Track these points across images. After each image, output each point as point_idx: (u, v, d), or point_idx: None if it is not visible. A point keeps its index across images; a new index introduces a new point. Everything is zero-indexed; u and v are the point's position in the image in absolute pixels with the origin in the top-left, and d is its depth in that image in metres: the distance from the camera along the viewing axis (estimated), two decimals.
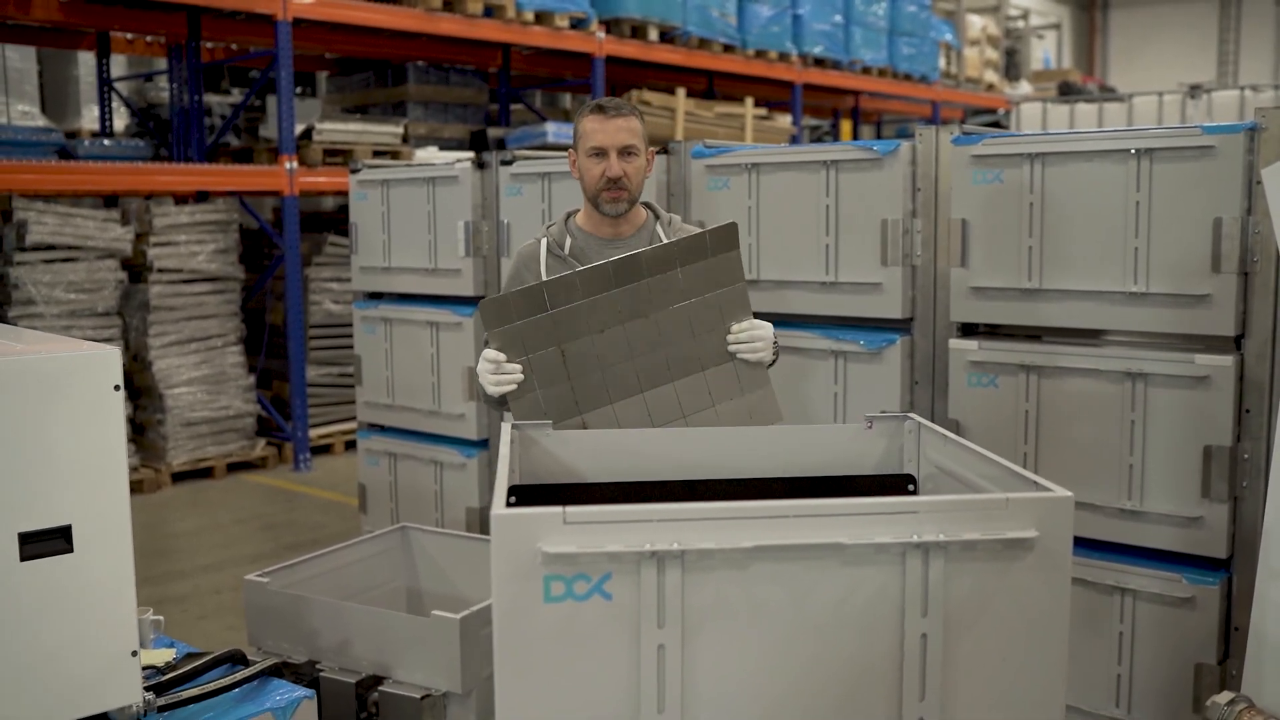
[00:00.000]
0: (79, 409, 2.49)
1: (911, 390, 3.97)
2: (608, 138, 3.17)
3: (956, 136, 3.76)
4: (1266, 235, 3.21)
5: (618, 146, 3.18)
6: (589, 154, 3.21)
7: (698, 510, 1.77)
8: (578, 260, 3.25)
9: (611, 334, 2.87)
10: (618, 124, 3.19)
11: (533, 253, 3.33)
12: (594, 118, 3.20)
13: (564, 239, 3.32)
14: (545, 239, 3.33)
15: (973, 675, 1.83)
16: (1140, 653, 3.51)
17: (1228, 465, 3.33)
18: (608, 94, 10.30)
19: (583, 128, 3.23)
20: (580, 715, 1.79)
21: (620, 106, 3.24)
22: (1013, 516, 1.81)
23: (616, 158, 3.18)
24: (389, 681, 3.58)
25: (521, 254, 3.37)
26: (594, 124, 3.19)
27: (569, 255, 3.27)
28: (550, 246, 3.31)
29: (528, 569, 1.75)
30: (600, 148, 3.17)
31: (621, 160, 3.18)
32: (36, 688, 2.48)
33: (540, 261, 3.28)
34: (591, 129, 3.19)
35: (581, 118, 3.25)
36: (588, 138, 3.20)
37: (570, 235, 3.33)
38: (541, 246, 3.32)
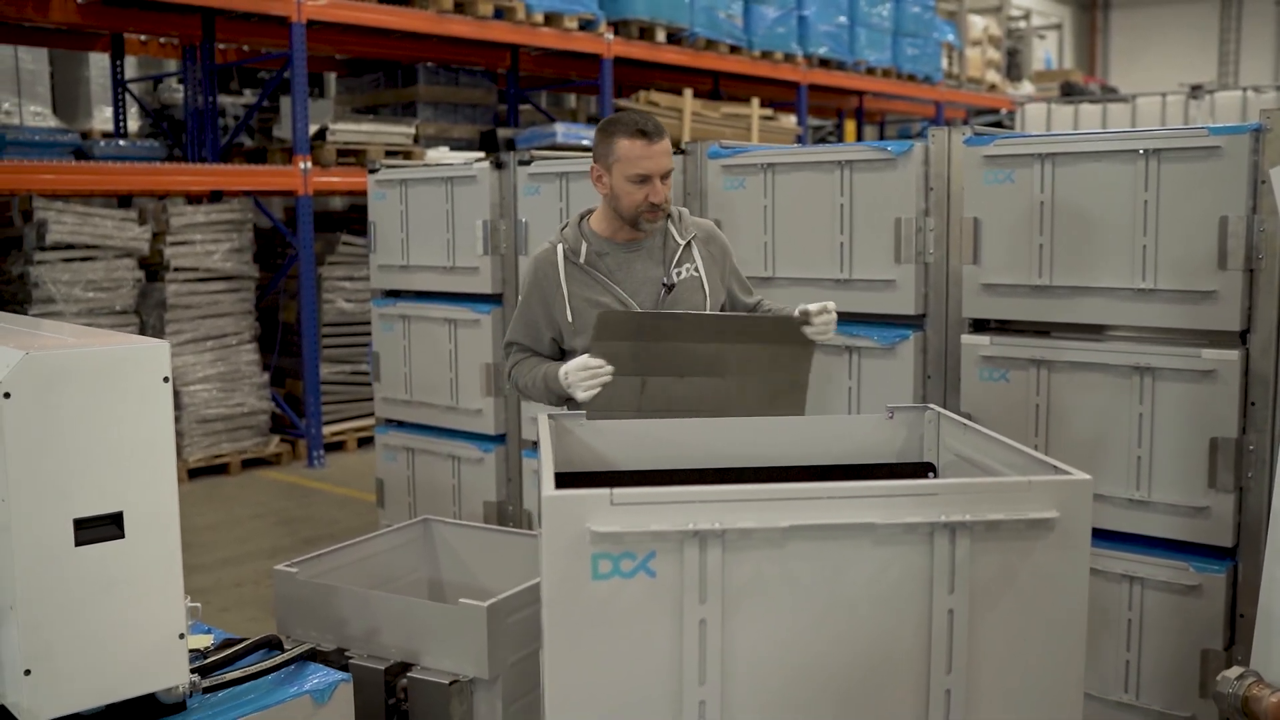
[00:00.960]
0: (130, 400, 2.59)
1: (924, 385, 4.07)
2: (653, 164, 3.16)
3: (968, 137, 3.85)
4: (1271, 233, 3.31)
5: (661, 172, 3.18)
6: (631, 179, 3.17)
7: (738, 492, 1.87)
8: (595, 268, 3.29)
9: (689, 381, 3.01)
10: (660, 148, 3.17)
11: (550, 259, 3.33)
12: (638, 143, 3.15)
13: (580, 245, 3.32)
14: (561, 245, 3.35)
15: (997, 649, 1.93)
16: (1148, 640, 3.61)
17: (1233, 456, 3.43)
18: (615, 95, 10.40)
19: (622, 151, 3.17)
20: (625, 687, 1.89)
21: (659, 128, 3.22)
22: (1034, 498, 1.91)
23: (659, 182, 3.18)
24: (417, 668, 3.68)
25: (538, 261, 3.37)
26: (638, 150, 3.15)
27: (585, 263, 3.29)
28: (567, 254, 3.31)
29: (576, 548, 1.85)
30: (645, 174, 3.16)
31: (663, 183, 3.19)
32: (89, 668, 2.58)
33: (559, 269, 3.29)
34: (635, 155, 3.15)
35: (617, 137, 3.19)
36: (631, 163, 3.16)
37: (585, 240, 3.33)
38: (559, 254, 3.32)
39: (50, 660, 2.51)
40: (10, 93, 10.36)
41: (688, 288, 3.32)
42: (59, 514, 2.50)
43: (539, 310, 3.36)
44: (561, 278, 3.29)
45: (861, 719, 1.94)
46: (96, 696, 2.61)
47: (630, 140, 3.15)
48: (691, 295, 3.32)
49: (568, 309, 3.27)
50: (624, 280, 3.30)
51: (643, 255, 3.33)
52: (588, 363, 3.01)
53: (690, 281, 3.32)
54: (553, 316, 3.32)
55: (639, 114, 3.27)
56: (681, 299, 3.31)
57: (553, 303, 3.31)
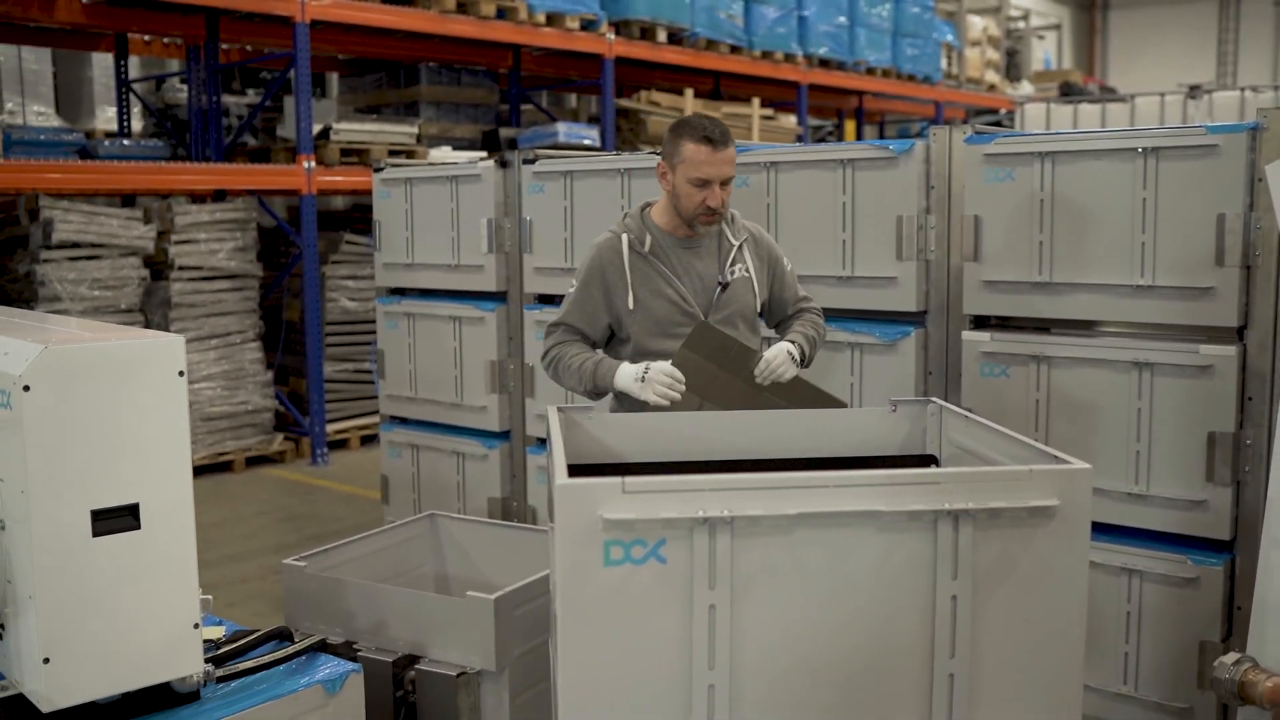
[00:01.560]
0: (146, 393, 2.64)
1: (925, 380, 4.12)
2: (715, 170, 3.28)
3: (969, 136, 3.90)
4: (1268, 230, 3.36)
5: (722, 178, 3.30)
6: (693, 182, 3.30)
7: (746, 480, 1.91)
8: (658, 259, 3.42)
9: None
10: (724, 156, 3.30)
11: (614, 248, 3.44)
12: (703, 148, 3.27)
13: (644, 236, 3.44)
14: (625, 235, 3.46)
15: (999, 634, 1.98)
16: (1147, 632, 3.65)
17: (1231, 451, 3.47)
18: (617, 95, 10.44)
19: (687, 154, 3.30)
20: (636, 671, 1.94)
21: (725, 135, 3.33)
22: (1035, 486, 1.95)
23: (718, 188, 3.30)
24: (425, 660, 3.72)
25: (602, 248, 3.47)
26: (703, 155, 3.27)
27: (649, 253, 3.42)
28: (632, 243, 3.43)
29: (589, 535, 1.89)
30: (706, 179, 3.28)
31: (722, 189, 3.32)
32: (106, 657, 2.62)
33: (624, 257, 3.41)
34: (699, 159, 3.28)
35: (684, 140, 3.31)
36: (694, 167, 3.29)
37: (649, 232, 3.45)
38: (623, 243, 3.43)
39: (68, 649, 2.55)
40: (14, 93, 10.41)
41: (740, 287, 3.47)
42: (77, 505, 2.54)
43: (599, 296, 3.46)
44: (626, 266, 3.41)
45: (866, 702, 1.99)
46: (113, 685, 2.65)
47: (696, 145, 3.27)
48: (743, 295, 3.48)
49: (630, 296, 3.40)
50: (683, 275, 3.44)
51: (700, 253, 3.46)
52: (674, 374, 3.14)
53: (742, 282, 3.47)
54: (613, 303, 3.44)
55: (708, 120, 3.36)
56: (734, 297, 3.46)
57: (614, 290, 3.43)
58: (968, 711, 1.99)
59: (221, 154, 8.83)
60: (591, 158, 5.20)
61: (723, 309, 3.45)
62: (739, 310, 3.48)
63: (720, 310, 3.45)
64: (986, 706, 2.00)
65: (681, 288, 3.43)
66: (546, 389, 5.20)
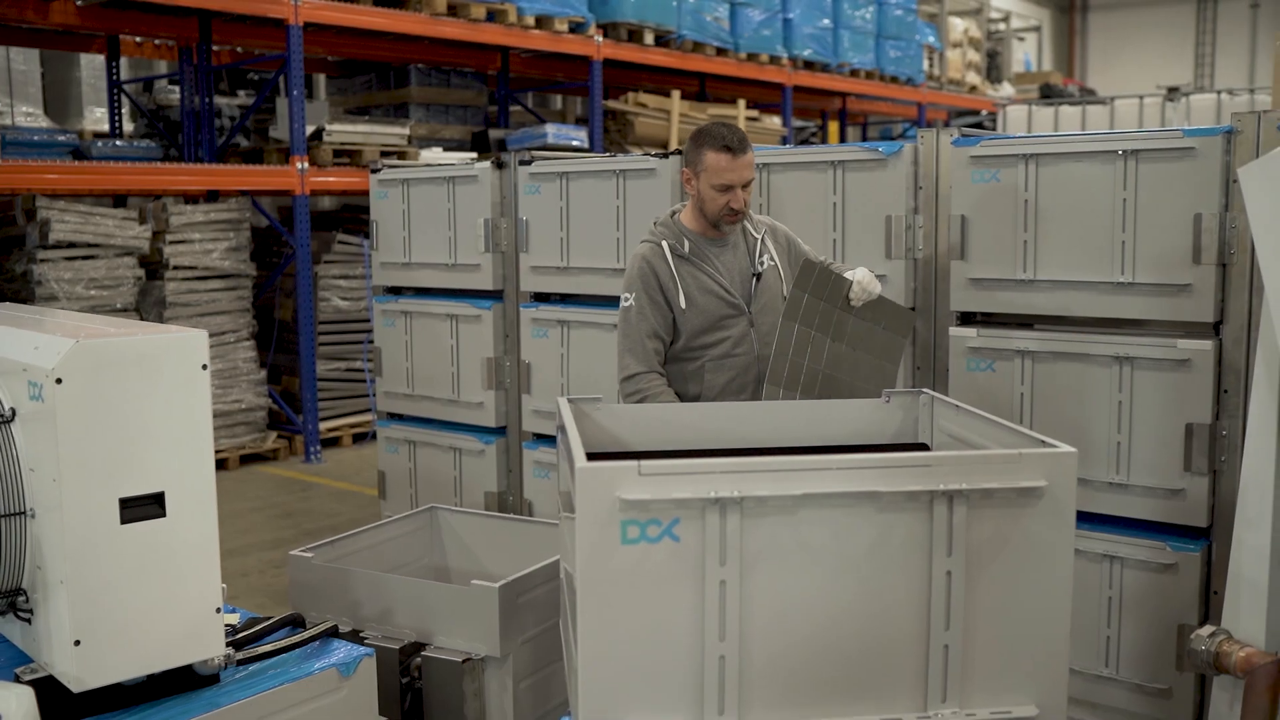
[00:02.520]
0: (171, 386, 2.75)
1: (914, 375, 4.25)
2: (736, 175, 3.55)
3: (956, 139, 4.04)
4: (1242, 229, 3.50)
5: (743, 183, 3.57)
6: (716, 188, 3.57)
7: (754, 464, 2.04)
8: (698, 259, 3.68)
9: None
10: (743, 162, 3.55)
11: (659, 255, 3.69)
12: (724, 157, 3.53)
13: (681, 240, 3.70)
14: (664, 241, 3.71)
15: (990, 608, 2.11)
16: (1127, 616, 3.79)
17: (1208, 441, 3.62)
18: (604, 96, 10.56)
19: (709, 162, 3.56)
20: (651, 643, 2.06)
21: (744, 142, 3.58)
22: (1024, 469, 2.09)
23: (740, 191, 3.57)
24: (430, 647, 3.83)
25: (647, 257, 3.71)
26: (724, 163, 3.53)
27: (689, 255, 3.68)
28: (673, 248, 3.68)
29: (607, 515, 2.01)
30: (729, 184, 3.55)
31: (744, 191, 3.58)
32: (133, 640, 2.72)
33: (669, 261, 3.66)
34: (721, 167, 3.53)
35: (705, 149, 3.57)
36: (716, 174, 3.55)
37: (685, 236, 3.71)
38: (664, 249, 3.68)
39: (98, 632, 2.66)
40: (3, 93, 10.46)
41: (770, 275, 3.75)
42: (106, 494, 2.65)
43: (660, 299, 3.68)
44: (673, 269, 3.65)
45: (866, 672, 2.11)
46: (140, 666, 2.76)
47: (717, 154, 3.54)
48: (774, 281, 3.76)
49: (681, 296, 3.64)
50: (723, 271, 3.71)
51: (730, 249, 3.74)
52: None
53: (771, 270, 3.76)
54: (669, 306, 3.66)
55: (727, 128, 3.61)
56: (768, 285, 3.74)
57: (668, 292, 3.66)
58: (961, 680, 2.12)
59: (214, 155, 8.91)
60: (587, 159, 5.31)
61: (760, 297, 3.73)
62: (773, 295, 3.74)
63: (759, 298, 3.73)
64: (979, 675, 2.13)
65: (725, 281, 3.69)
66: (542, 385, 5.33)
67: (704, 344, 3.68)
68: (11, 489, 2.70)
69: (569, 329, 5.20)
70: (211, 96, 8.97)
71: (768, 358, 3.53)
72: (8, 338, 2.91)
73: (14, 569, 2.75)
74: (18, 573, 2.76)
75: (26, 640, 2.88)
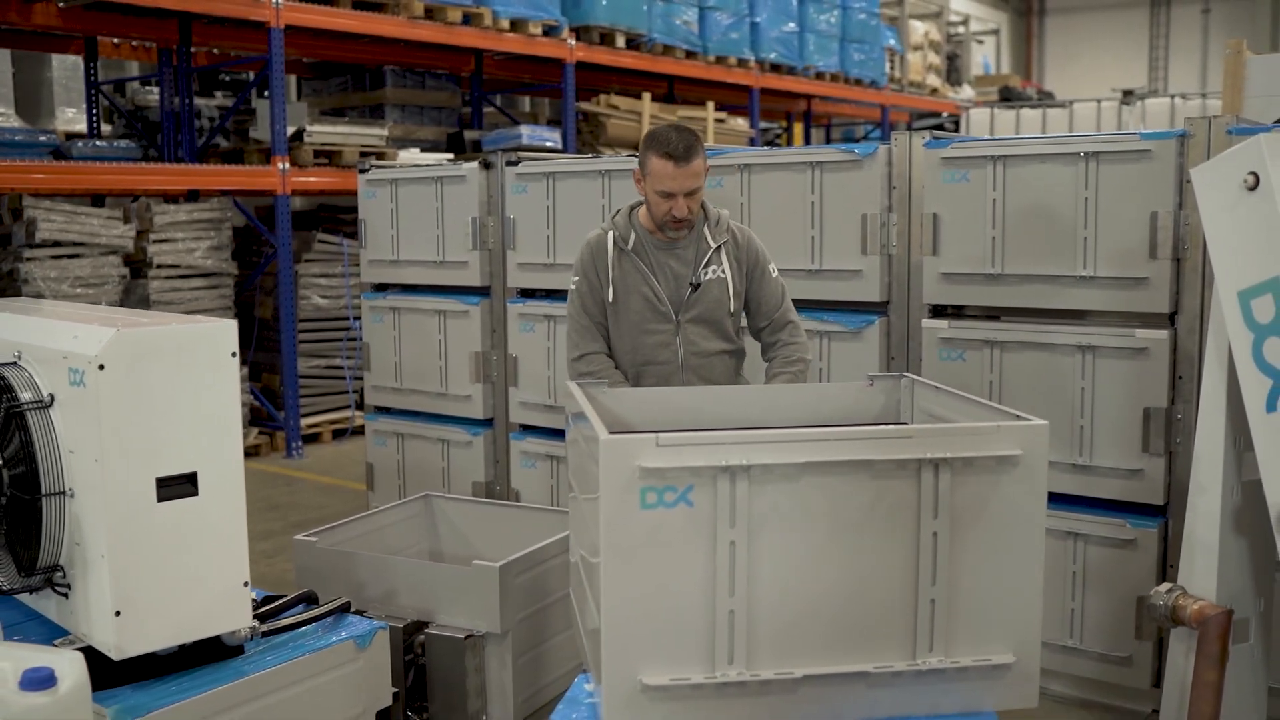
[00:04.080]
0: (203, 372, 2.93)
1: (888, 365, 4.48)
2: (677, 184, 3.49)
3: (928, 141, 4.28)
4: (1195, 226, 3.76)
5: (684, 191, 3.51)
6: (659, 193, 3.53)
7: (761, 436, 2.25)
8: (638, 256, 3.68)
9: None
10: (687, 170, 3.49)
11: (601, 244, 3.72)
12: (667, 164, 3.47)
13: (629, 234, 3.69)
14: (612, 231, 3.72)
15: (972, 565, 2.33)
16: (1090, 589, 4.04)
17: (1164, 424, 3.87)
18: (577, 99, 10.75)
19: (653, 168, 3.52)
20: (669, 599, 2.27)
21: (690, 150, 3.49)
22: (1002, 439, 2.31)
23: (683, 199, 3.52)
24: (433, 625, 4.02)
25: (591, 245, 3.75)
26: (668, 170, 3.48)
27: (632, 250, 3.68)
28: (616, 240, 3.69)
29: (628, 483, 2.22)
30: (670, 192, 3.50)
31: (686, 200, 3.52)
32: (169, 611, 2.91)
33: (609, 254, 3.68)
34: (664, 174, 3.49)
35: (650, 153, 3.52)
36: (658, 180, 3.51)
37: (634, 231, 3.70)
38: (609, 240, 3.70)
39: (137, 603, 2.84)
40: None
41: (713, 289, 3.67)
42: (144, 473, 2.83)
43: (594, 284, 3.73)
44: (609, 261, 3.69)
45: (861, 623, 2.33)
46: (174, 636, 2.94)
47: (661, 160, 3.49)
48: (716, 295, 3.68)
49: (610, 290, 3.67)
50: (659, 274, 3.68)
51: (678, 254, 3.69)
52: None
53: (715, 283, 3.67)
54: (601, 294, 3.71)
55: (678, 133, 3.54)
56: (705, 298, 3.67)
57: (601, 282, 3.71)
58: (946, 631, 2.34)
59: (194, 155, 9.02)
60: (573, 160, 5.52)
61: (692, 308, 3.67)
62: (708, 310, 3.68)
63: (690, 309, 3.68)
64: (962, 627, 2.35)
65: (657, 286, 3.67)
66: (529, 378, 5.52)
67: (632, 345, 3.71)
68: (52, 470, 2.87)
69: (555, 323, 5.39)
70: (191, 98, 9.08)
71: (694, 368, 3.64)
72: (42, 328, 3.09)
73: (54, 546, 2.92)
74: (57, 549, 2.93)
75: (63, 613, 3.04)
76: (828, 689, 2.33)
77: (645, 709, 2.29)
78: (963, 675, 2.36)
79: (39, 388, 2.94)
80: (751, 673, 2.30)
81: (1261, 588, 2.60)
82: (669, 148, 3.47)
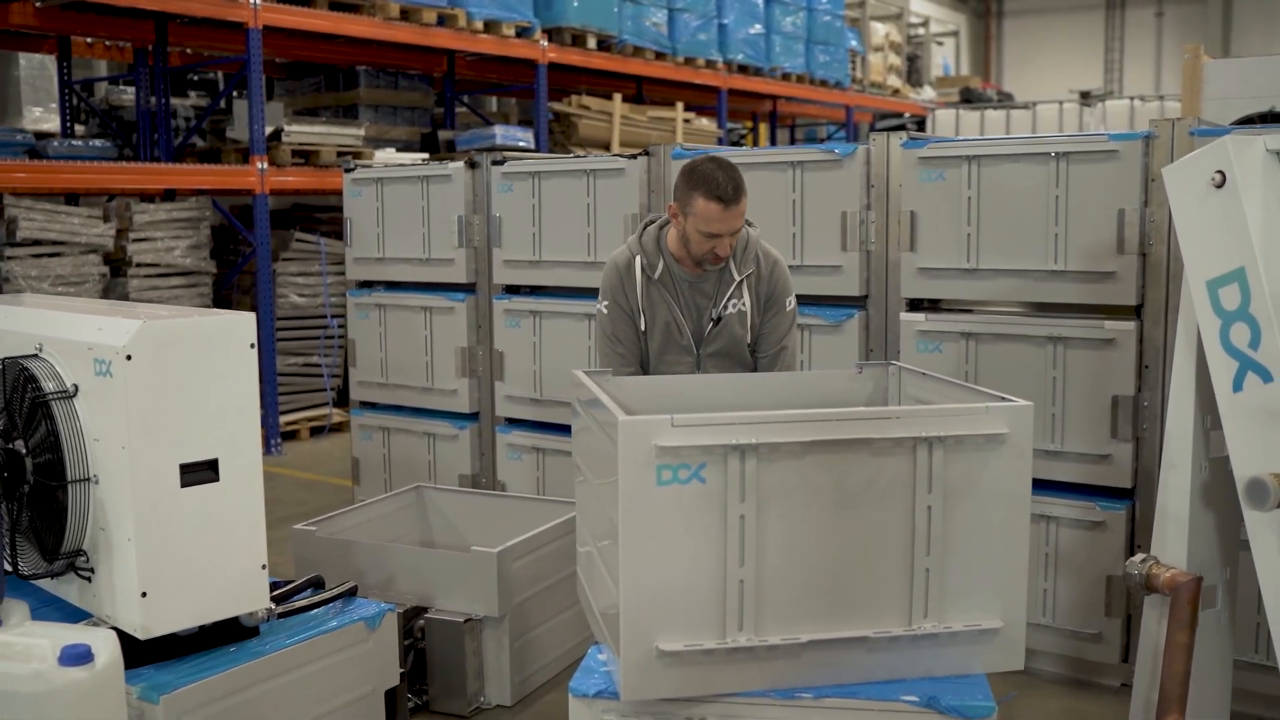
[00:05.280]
0: (224, 362, 3.07)
1: (868, 357, 4.65)
2: (724, 226, 3.42)
3: (905, 141, 4.45)
4: (1160, 223, 3.96)
5: (731, 231, 3.46)
6: (702, 234, 3.45)
7: (767, 416, 2.42)
8: (665, 287, 3.65)
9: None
10: (735, 212, 3.42)
11: (630, 269, 3.67)
12: (714, 206, 3.38)
13: (657, 262, 3.65)
14: (639, 257, 3.67)
15: (963, 535, 2.50)
16: (1062, 569, 4.23)
17: (1131, 411, 4.07)
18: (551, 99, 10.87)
19: (698, 209, 3.40)
20: (682, 569, 2.42)
21: (739, 190, 3.41)
22: (990, 419, 2.49)
23: (728, 239, 3.48)
24: (433, 610, 4.15)
25: (619, 269, 3.70)
26: (715, 212, 3.38)
27: (658, 280, 3.65)
28: (644, 268, 3.65)
29: (644, 461, 2.37)
30: (716, 234, 3.44)
31: (731, 237, 3.49)
32: (192, 592, 3.03)
33: (637, 282, 3.65)
34: (711, 216, 3.39)
35: (697, 194, 3.40)
36: (704, 222, 3.41)
37: (663, 258, 3.65)
38: (636, 266, 3.65)
39: (162, 584, 2.97)
40: None
41: (732, 323, 3.67)
42: (168, 460, 2.96)
43: (625, 306, 3.70)
44: (639, 290, 3.66)
45: (861, 590, 2.50)
46: (197, 616, 3.07)
47: (708, 202, 3.39)
48: (735, 330, 3.67)
49: (642, 318, 3.65)
50: (685, 306, 3.68)
51: (702, 286, 3.67)
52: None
53: (736, 317, 3.66)
54: (634, 320, 3.69)
55: (724, 171, 3.43)
56: (725, 332, 3.67)
57: (633, 309, 3.69)
58: (940, 598, 2.52)
59: (171, 155, 9.06)
60: (558, 159, 5.66)
61: (712, 343, 3.68)
62: (728, 345, 3.69)
63: (710, 344, 3.69)
64: (953, 594, 2.52)
65: (680, 318, 3.66)
66: (515, 372, 5.65)
67: (655, 371, 3.71)
68: (77, 457, 2.99)
69: (541, 319, 5.53)
70: (168, 98, 9.13)
71: None
72: (63, 321, 3.20)
73: (78, 531, 3.04)
74: (81, 534, 3.04)
75: (85, 597, 3.16)
76: (830, 653, 2.50)
77: (661, 674, 2.44)
78: (954, 640, 2.53)
79: (62, 378, 3.06)
80: (760, 638, 2.46)
81: (1228, 557, 2.79)
82: (718, 190, 3.38)
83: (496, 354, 5.73)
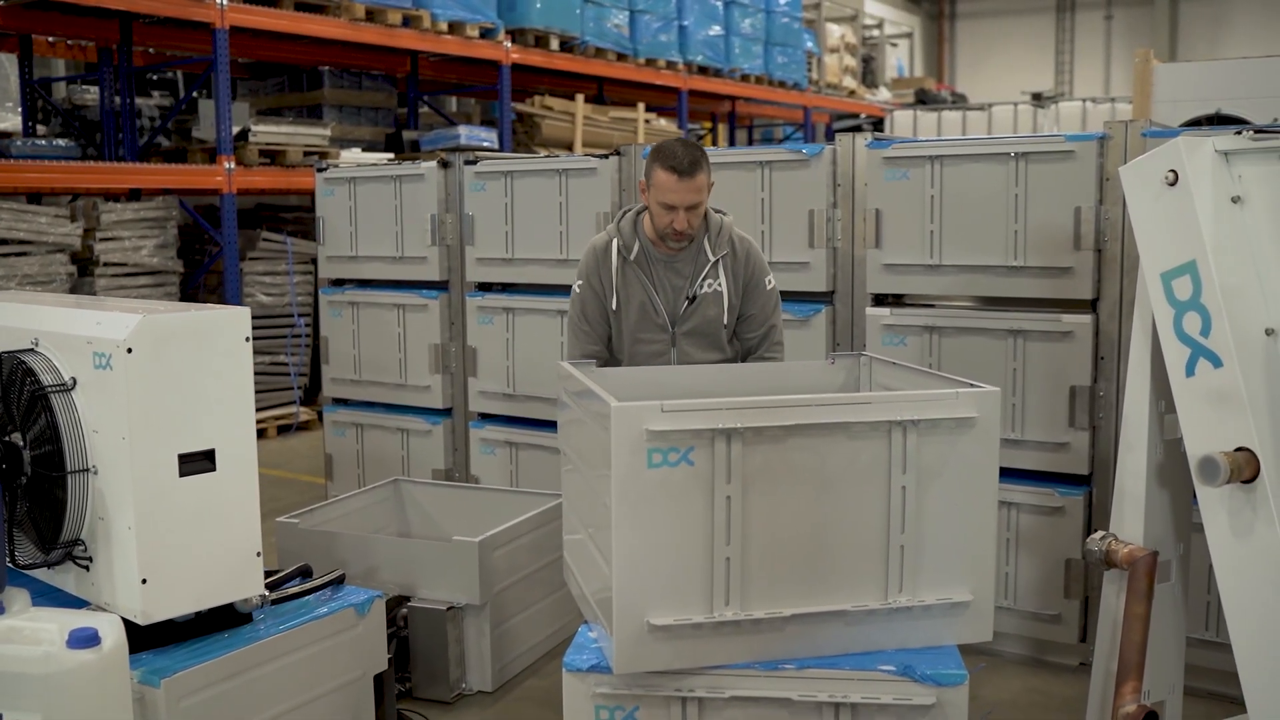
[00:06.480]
0: (220, 355, 3.16)
1: (835, 350, 4.80)
2: (680, 197, 3.52)
3: (870, 142, 4.61)
4: (1114, 220, 4.14)
5: (686, 205, 3.55)
6: (660, 205, 3.57)
7: (752, 402, 2.55)
8: (640, 267, 3.76)
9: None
10: (690, 185, 3.52)
11: (606, 251, 3.78)
12: (670, 177, 3.51)
13: (633, 243, 3.75)
14: (616, 239, 3.79)
15: (935, 515, 2.65)
16: (1022, 554, 4.40)
17: (1088, 401, 4.24)
18: (513, 99, 10.97)
19: (656, 179, 3.55)
20: (672, 547, 2.55)
21: (694, 165, 3.52)
22: (960, 404, 2.64)
23: (684, 213, 3.56)
24: (415, 598, 4.24)
25: (596, 251, 3.82)
26: (670, 183, 3.51)
27: (634, 260, 3.75)
28: (620, 249, 3.76)
29: (636, 444, 2.50)
30: (671, 205, 3.55)
31: (688, 213, 3.58)
32: (190, 579, 3.12)
33: (613, 262, 3.76)
34: (667, 186, 3.52)
35: (656, 165, 3.55)
36: (661, 192, 3.54)
37: (639, 240, 3.76)
38: (613, 248, 3.77)
39: (161, 572, 3.06)
40: None
41: (708, 302, 3.76)
42: (167, 450, 3.05)
43: (598, 288, 3.80)
44: (614, 270, 3.76)
45: (840, 567, 2.64)
46: (195, 602, 3.16)
47: (665, 173, 3.53)
48: (711, 309, 3.77)
49: (615, 298, 3.75)
50: (659, 286, 3.78)
51: (677, 266, 3.77)
52: None
53: (711, 297, 3.76)
54: (604, 302, 3.80)
55: (684, 147, 3.57)
56: (700, 311, 3.77)
57: (605, 289, 3.79)
58: (914, 574, 2.66)
59: (136, 154, 9.07)
60: (531, 159, 5.77)
61: (687, 321, 3.77)
62: (703, 324, 3.77)
63: (685, 323, 3.77)
64: (926, 570, 2.67)
65: (655, 297, 3.75)
66: (488, 368, 5.75)
67: (629, 353, 3.81)
68: (76, 448, 3.07)
69: (514, 315, 5.63)
70: (133, 97, 9.14)
71: None
72: (60, 316, 3.28)
73: (77, 520, 3.12)
74: (79, 524, 3.12)
75: (82, 585, 3.24)
76: (811, 626, 2.64)
77: (651, 647, 2.57)
78: (928, 612, 2.68)
79: (59, 371, 3.13)
80: (745, 613, 2.60)
81: (1181, 534, 2.96)
82: (673, 161, 3.52)
83: (469, 350, 5.82)
